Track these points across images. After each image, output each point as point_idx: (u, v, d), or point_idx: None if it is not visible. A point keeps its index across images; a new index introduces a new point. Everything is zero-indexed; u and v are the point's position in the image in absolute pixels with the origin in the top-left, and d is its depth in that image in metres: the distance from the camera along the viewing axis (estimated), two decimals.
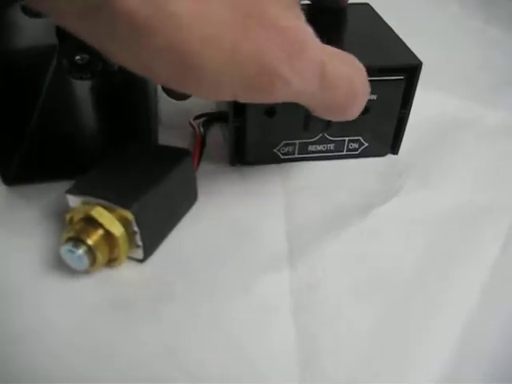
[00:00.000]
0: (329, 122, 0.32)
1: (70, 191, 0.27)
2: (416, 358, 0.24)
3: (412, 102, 0.33)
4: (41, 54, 0.40)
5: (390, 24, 0.37)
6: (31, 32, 0.37)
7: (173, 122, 0.38)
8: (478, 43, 0.53)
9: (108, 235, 0.25)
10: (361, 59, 0.31)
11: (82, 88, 0.39)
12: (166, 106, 0.38)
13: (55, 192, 0.31)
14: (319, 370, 0.23)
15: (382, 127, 0.34)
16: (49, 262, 0.27)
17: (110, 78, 0.32)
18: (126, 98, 0.38)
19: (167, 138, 0.35)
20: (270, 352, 0.24)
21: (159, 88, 0.38)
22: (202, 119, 0.37)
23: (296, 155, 0.34)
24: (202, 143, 0.33)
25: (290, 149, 0.34)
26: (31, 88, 0.37)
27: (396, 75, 0.32)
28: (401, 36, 0.35)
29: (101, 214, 0.25)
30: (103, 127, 0.37)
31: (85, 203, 0.26)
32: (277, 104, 0.31)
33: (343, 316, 0.25)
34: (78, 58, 0.31)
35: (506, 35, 0.55)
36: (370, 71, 0.31)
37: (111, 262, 0.26)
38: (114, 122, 0.36)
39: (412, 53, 0.33)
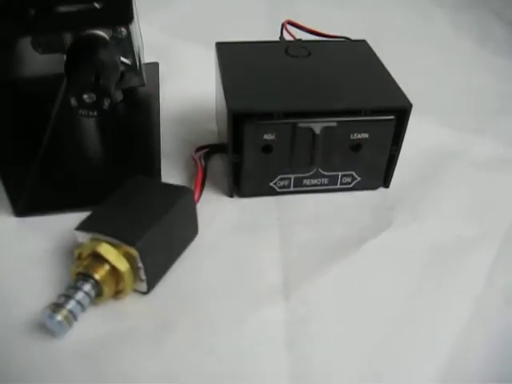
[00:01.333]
0: (311, 157, 0.34)
1: (79, 228, 0.28)
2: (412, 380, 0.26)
3: (403, 141, 0.35)
4: (47, 84, 0.42)
5: (383, 53, 0.39)
6: (39, 63, 0.39)
7: (175, 153, 0.39)
8: (472, 68, 0.55)
9: (114, 270, 0.27)
10: (355, 99, 0.33)
11: (88, 120, 0.41)
12: (168, 138, 0.40)
13: (64, 223, 0.33)
14: None
15: (373, 163, 0.36)
16: (55, 293, 0.28)
17: (114, 111, 0.33)
18: (130, 131, 0.40)
19: (170, 169, 0.37)
20: (265, 381, 0.26)
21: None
22: (203, 151, 0.39)
23: (291, 188, 0.36)
24: (204, 177, 0.35)
25: (286, 182, 0.36)
26: (39, 119, 0.39)
27: (387, 115, 0.34)
28: (394, 64, 0.37)
29: (107, 250, 0.27)
30: (108, 159, 0.38)
31: (93, 239, 0.28)
32: (273, 142, 0.33)
33: (335, 349, 0.27)
34: (85, 96, 0.32)
35: (498, 58, 0.57)
36: (363, 112, 0.33)
37: (117, 294, 0.28)
38: (118, 153, 0.38)
39: (403, 94, 0.34)
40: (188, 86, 0.48)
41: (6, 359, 0.26)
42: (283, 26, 0.48)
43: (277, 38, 0.43)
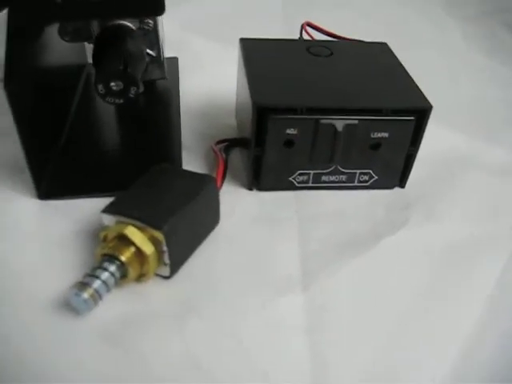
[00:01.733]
0: (332, 154, 0.34)
1: (105, 210, 0.29)
2: (422, 373, 0.27)
3: (421, 141, 0.36)
4: (70, 72, 0.43)
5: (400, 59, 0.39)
6: (62, 53, 0.40)
7: (195, 146, 0.40)
8: (482, 77, 0.56)
9: (139, 253, 0.28)
10: (376, 99, 0.34)
11: (109, 110, 0.41)
12: (189, 131, 0.41)
13: (87, 207, 0.33)
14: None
15: (391, 162, 0.36)
16: (80, 274, 0.28)
17: (137, 99, 0.34)
18: (151, 122, 0.41)
19: (190, 161, 0.38)
20: (284, 366, 0.26)
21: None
22: (223, 144, 0.39)
23: (310, 184, 0.37)
24: (225, 168, 0.36)
25: (305, 178, 0.36)
26: (62, 106, 0.40)
27: (407, 116, 0.34)
28: (408, 70, 0.38)
29: (133, 233, 0.28)
30: (131, 148, 0.39)
31: (118, 222, 0.29)
32: (295, 136, 0.34)
33: (352, 336, 0.28)
34: (112, 84, 0.33)
35: (508, 69, 0.58)
36: (384, 111, 0.33)
37: (140, 277, 0.29)
38: (140, 143, 0.39)
39: (423, 95, 0.35)
40: (206, 82, 0.49)
41: (31, 336, 0.27)
42: (302, 27, 0.49)
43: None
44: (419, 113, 0.35)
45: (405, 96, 0.36)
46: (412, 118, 0.34)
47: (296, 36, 0.45)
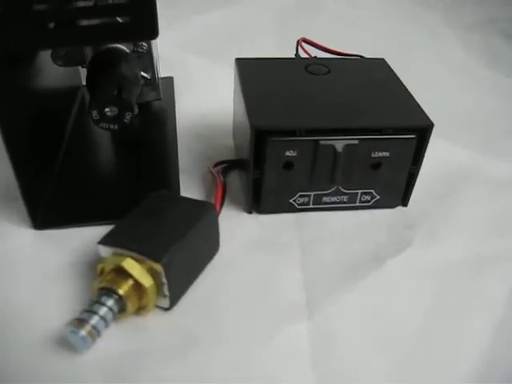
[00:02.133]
0: (332, 175, 0.34)
1: (102, 242, 0.28)
2: None
3: (423, 160, 0.35)
4: (62, 98, 0.42)
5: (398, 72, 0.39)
6: (54, 77, 0.39)
7: (192, 168, 0.39)
8: (481, 88, 0.55)
9: (138, 286, 0.27)
10: (376, 117, 0.33)
11: (103, 135, 0.41)
12: (185, 152, 0.40)
13: (83, 236, 0.33)
14: None
15: (393, 181, 0.36)
16: (77, 309, 0.28)
17: (132, 121, 0.33)
18: (147, 146, 0.40)
19: (188, 184, 0.37)
20: None
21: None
22: (221, 166, 0.39)
23: (311, 205, 0.36)
24: (224, 192, 0.35)
25: (305, 199, 0.36)
26: (55, 132, 0.39)
27: (408, 134, 0.34)
28: (405, 83, 0.38)
29: (131, 265, 0.27)
30: (126, 174, 0.38)
31: (115, 254, 0.28)
32: (295, 158, 0.33)
33: (359, 366, 0.27)
34: (107, 110, 0.32)
35: (508, 79, 0.57)
36: (384, 130, 0.33)
37: (139, 309, 0.28)
38: (136, 168, 0.38)
39: (424, 113, 0.34)
40: (201, 101, 0.48)
41: (28, 376, 0.26)
42: (298, 43, 0.48)
43: (288, 56, 0.42)
44: (420, 131, 0.34)
45: (405, 114, 0.35)
46: (413, 136, 0.34)
47: (292, 52, 0.44)
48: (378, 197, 0.36)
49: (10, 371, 0.26)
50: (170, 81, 0.48)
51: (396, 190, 0.36)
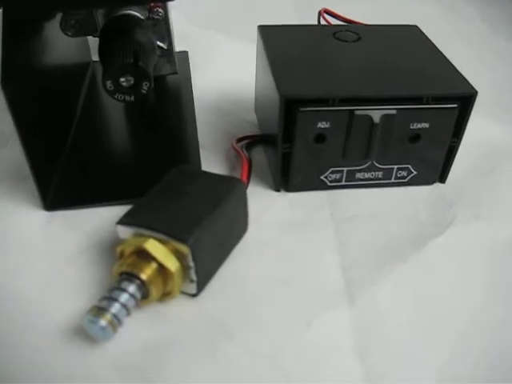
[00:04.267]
0: (368, 149, 0.31)
1: (121, 222, 0.25)
2: None
3: (464, 132, 0.32)
4: (74, 72, 0.39)
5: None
6: (64, 49, 0.36)
7: (213, 145, 0.37)
8: (505, 62, 0.53)
9: (162, 269, 0.24)
10: (414, 86, 0.30)
11: (117, 110, 0.38)
12: (204, 129, 0.37)
13: (99, 218, 0.30)
14: None
15: (431, 156, 0.33)
16: (95, 295, 0.25)
17: (147, 96, 0.30)
18: (164, 121, 0.37)
19: (209, 162, 0.34)
20: None
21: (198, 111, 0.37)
22: (244, 142, 0.36)
23: (343, 182, 0.33)
24: (250, 168, 0.32)
25: (338, 176, 0.33)
26: (66, 111, 0.36)
27: (450, 103, 0.31)
28: None
29: (155, 247, 0.24)
30: (143, 151, 0.35)
31: (136, 235, 0.25)
32: (327, 130, 0.30)
33: (410, 355, 0.24)
34: (122, 79, 0.29)
35: None
36: (424, 99, 0.30)
37: (163, 296, 0.25)
38: (154, 144, 0.35)
39: (466, 81, 0.32)
40: (219, 76, 0.45)
41: (44, 368, 0.23)
42: (320, 14, 0.45)
43: None
44: (463, 100, 0.31)
45: (446, 82, 0.32)
46: (455, 105, 0.31)
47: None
48: (415, 172, 0.34)
49: (24, 363, 0.24)
50: (184, 55, 0.45)
51: (434, 165, 0.34)
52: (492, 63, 0.51)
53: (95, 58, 0.44)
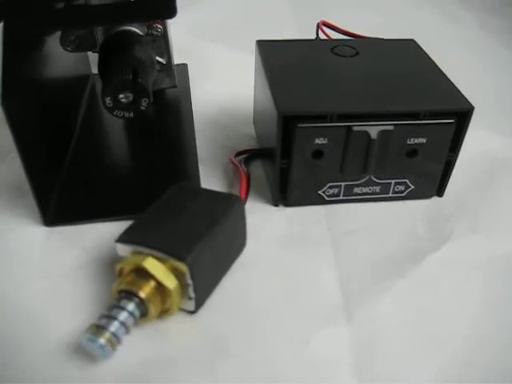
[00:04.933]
0: (365, 164, 0.31)
1: (120, 240, 0.26)
2: None
3: (461, 146, 0.32)
4: (74, 85, 0.40)
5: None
6: (64, 63, 0.36)
7: (211, 159, 0.37)
8: (504, 71, 0.53)
9: (160, 287, 0.25)
10: (411, 102, 0.30)
11: (116, 125, 0.38)
12: (203, 143, 0.37)
13: (99, 233, 0.30)
14: None
15: (429, 170, 0.33)
16: (93, 312, 0.25)
17: (146, 110, 0.31)
18: (162, 135, 0.38)
19: (207, 176, 0.35)
20: None
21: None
22: (242, 156, 0.36)
23: (341, 197, 0.34)
24: (248, 183, 0.32)
25: (336, 191, 0.33)
26: (66, 125, 0.36)
27: (447, 119, 0.31)
28: None
29: (153, 265, 0.25)
30: (143, 166, 0.36)
31: (135, 253, 0.25)
32: (325, 146, 0.30)
33: (408, 370, 0.25)
34: (121, 96, 0.30)
35: None
36: (421, 115, 0.30)
37: (162, 313, 0.25)
38: (153, 159, 0.36)
39: (463, 96, 0.32)
40: (218, 89, 0.46)
41: None
42: (318, 26, 0.46)
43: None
44: (460, 115, 0.31)
45: (442, 97, 0.32)
46: (452, 120, 0.31)
47: (311, 37, 0.41)
48: (413, 187, 0.34)
49: (23, 380, 0.24)
50: (184, 68, 0.46)
51: (431, 179, 0.34)
52: (492, 73, 0.52)
53: (95, 70, 0.44)
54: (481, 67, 0.52)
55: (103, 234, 0.30)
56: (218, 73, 0.48)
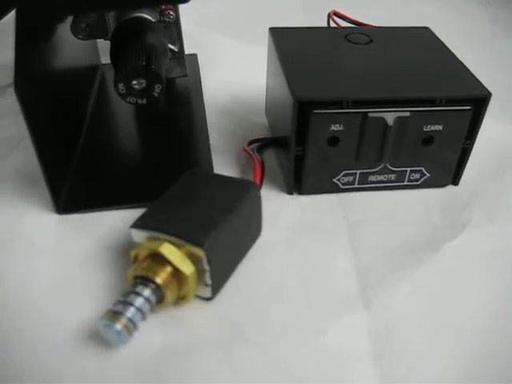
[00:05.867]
0: (381, 151, 0.31)
1: (135, 225, 0.25)
2: None
3: (477, 134, 0.32)
4: (84, 75, 0.39)
5: None
6: (75, 53, 0.36)
7: (223, 148, 0.37)
8: None
9: (177, 273, 0.24)
10: (428, 88, 0.30)
11: (127, 114, 0.38)
12: (215, 132, 0.37)
13: (112, 221, 0.30)
14: None
15: (444, 158, 0.33)
16: (109, 299, 0.25)
17: (157, 99, 0.30)
18: (174, 124, 0.37)
19: (220, 165, 0.34)
20: None
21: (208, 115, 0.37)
22: (255, 145, 0.36)
23: (356, 185, 0.33)
24: (263, 171, 0.32)
25: (350, 179, 0.33)
26: (77, 113, 0.36)
27: (463, 105, 0.31)
28: None
29: (170, 251, 0.24)
30: (155, 154, 0.35)
31: (151, 238, 0.25)
32: (340, 133, 0.30)
33: (428, 361, 0.24)
34: (134, 82, 0.29)
35: None
36: (437, 101, 0.30)
37: (178, 300, 0.25)
38: (165, 148, 0.35)
39: (479, 82, 0.31)
40: (228, 79, 0.45)
41: (58, 372, 0.23)
42: (329, 16, 0.45)
43: None
44: (476, 101, 0.31)
45: (459, 83, 0.32)
46: (469, 107, 0.31)
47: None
48: (428, 175, 0.33)
49: (39, 367, 0.23)
50: (194, 58, 0.45)
51: (447, 167, 0.33)
52: (502, 64, 0.51)
53: (104, 60, 0.44)
54: (491, 59, 0.52)
55: (116, 221, 0.30)
56: (228, 63, 0.48)
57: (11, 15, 0.27)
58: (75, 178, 0.32)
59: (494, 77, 0.45)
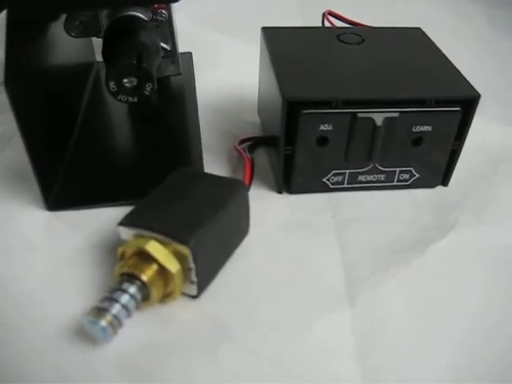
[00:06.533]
0: (370, 151, 0.31)
1: (122, 223, 0.25)
2: None
3: (467, 135, 0.32)
4: (78, 72, 0.39)
5: None
6: (68, 50, 0.36)
7: (215, 147, 0.37)
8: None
9: (163, 271, 0.24)
10: (417, 89, 0.30)
11: (120, 112, 0.38)
12: (207, 130, 0.37)
13: (101, 218, 0.30)
14: None
15: (434, 159, 0.33)
16: (96, 296, 0.25)
17: (150, 97, 0.30)
18: (166, 122, 0.37)
19: (211, 163, 0.34)
20: None
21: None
22: (246, 144, 0.36)
23: (345, 185, 0.33)
24: (252, 170, 0.32)
25: (340, 178, 0.33)
26: (69, 110, 0.36)
27: (453, 107, 0.31)
28: None
29: (156, 248, 0.24)
30: (146, 152, 0.35)
31: (137, 236, 0.25)
32: (330, 133, 0.30)
33: (410, 359, 0.24)
34: (125, 80, 0.29)
35: None
36: (427, 102, 0.30)
37: (164, 297, 0.25)
38: (156, 146, 0.35)
39: (469, 84, 0.32)
40: (222, 78, 0.45)
41: (44, 368, 0.23)
42: (324, 16, 0.45)
43: None
44: (466, 103, 0.31)
45: (449, 84, 0.32)
46: (458, 108, 0.31)
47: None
48: (418, 175, 0.33)
49: (24, 363, 0.24)
50: (188, 56, 0.45)
51: (436, 168, 0.34)
52: (496, 65, 0.51)
53: (99, 57, 0.44)
54: (485, 60, 0.52)
55: (106, 219, 0.30)
56: (223, 62, 0.48)
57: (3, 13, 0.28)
58: (67, 175, 0.33)
59: (489, 78, 0.46)
